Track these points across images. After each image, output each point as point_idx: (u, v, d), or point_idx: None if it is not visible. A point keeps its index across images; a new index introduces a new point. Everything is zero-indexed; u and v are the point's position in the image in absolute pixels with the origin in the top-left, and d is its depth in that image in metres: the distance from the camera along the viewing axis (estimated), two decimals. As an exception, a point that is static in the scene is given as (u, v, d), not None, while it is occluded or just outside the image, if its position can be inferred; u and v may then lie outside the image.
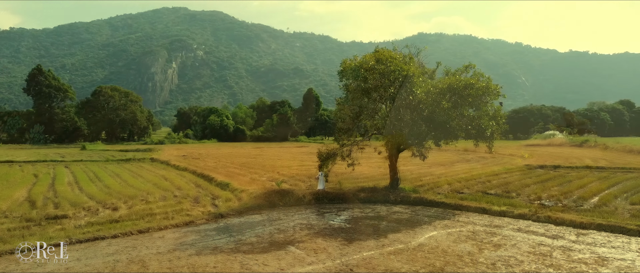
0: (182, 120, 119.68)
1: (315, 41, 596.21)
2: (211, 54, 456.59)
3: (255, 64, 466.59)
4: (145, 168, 40.71)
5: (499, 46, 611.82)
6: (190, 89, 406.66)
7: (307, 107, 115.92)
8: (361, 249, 14.95)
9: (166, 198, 24.27)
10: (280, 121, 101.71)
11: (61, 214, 19.75)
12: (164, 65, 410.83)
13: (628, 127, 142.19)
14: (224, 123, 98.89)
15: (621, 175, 34.71)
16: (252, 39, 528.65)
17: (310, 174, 34.05)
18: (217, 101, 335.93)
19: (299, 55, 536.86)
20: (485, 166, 40.77)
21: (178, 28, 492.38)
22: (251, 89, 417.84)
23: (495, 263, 13.43)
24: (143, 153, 59.03)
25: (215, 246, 15.30)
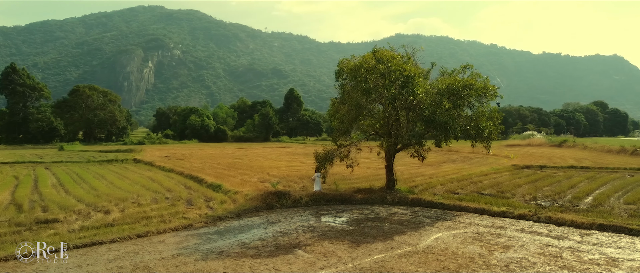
0: (161, 120, 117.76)
1: (293, 41, 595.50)
2: (188, 54, 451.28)
3: (233, 64, 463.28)
4: (130, 169, 39.74)
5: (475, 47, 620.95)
6: (167, 89, 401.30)
7: (289, 107, 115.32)
8: (370, 252, 14.67)
9: (158, 200, 23.62)
10: (262, 122, 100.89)
11: (52, 218, 18.99)
12: (140, 64, 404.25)
13: (602, 127, 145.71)
14: (205, 123, 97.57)
15: (606, 174, 35.26)
16: (230, 38, 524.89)
17: (301, 175, 33.71)
18: (194, 101, 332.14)
19: (277, 55, 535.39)
20: (473, 167, 41.01)
21: (154, 27, 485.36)
22: (229, 89, 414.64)
23: (509, 265, 13.30)
24: (124, 153, 57.76)
25: (220, 250, 14.83)
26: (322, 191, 24.57)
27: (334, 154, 23.95)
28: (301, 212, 21.82)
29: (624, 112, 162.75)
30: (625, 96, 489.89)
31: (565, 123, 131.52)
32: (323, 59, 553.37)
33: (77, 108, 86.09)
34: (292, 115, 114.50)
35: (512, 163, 42.58)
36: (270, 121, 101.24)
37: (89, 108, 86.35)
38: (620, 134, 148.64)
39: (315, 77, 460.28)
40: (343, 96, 24.73)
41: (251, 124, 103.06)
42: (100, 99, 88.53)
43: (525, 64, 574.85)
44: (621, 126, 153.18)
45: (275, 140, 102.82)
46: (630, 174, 35.35)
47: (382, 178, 30.88)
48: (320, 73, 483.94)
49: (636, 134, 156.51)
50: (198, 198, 24.33)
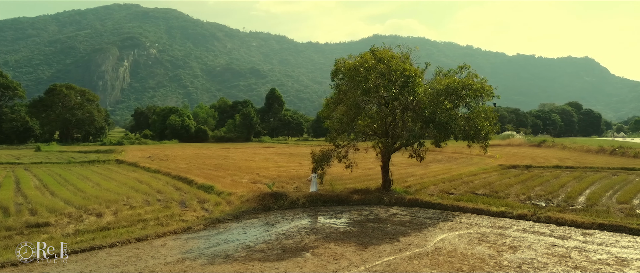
0: (139, 120, 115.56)
1: (271, 41, 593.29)
2: (165, 53, 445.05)
3: (211, 64, 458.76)
4: (114, 170, 38.73)
5: (451, 49, 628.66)
6: (143, 89, 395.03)
7: (270, 107, 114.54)
8: (380, 254, 14.44)
9: (150, 202, 22.98)
10: (243, 122, 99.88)
11: (42, 221, 18.25)
12: (115, 63, 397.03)
13: (576, 128, 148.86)
14: (186, 123, 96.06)
15: (592, 174, 35.84)
16: (207, 38, 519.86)
17: (291, 175, 33.38)
18: (171, 101, 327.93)
19: (255, 55, 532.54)
20: (461, 167, 41.23)
21: (130, 25, 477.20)
22: (207, 89, 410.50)
23: (521, 266, 13.23)
24: (105, 154, 56.41)
25: (226, 254, 14.41)
26: (318, 192, 24.25)
27: (332, 155, 23.64)
28: (299, 214, 21.48)
29: (597, 113, 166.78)
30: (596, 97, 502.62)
31: (542, 123, 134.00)
32: (301, 59, 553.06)
33: (53, 108, 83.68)
34: (274, 115, 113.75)
35: (499, 163, 42.97)
36: (252, 121, 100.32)
37: (66, 107, 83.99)
38: (594, 134, 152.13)
39: (294, 78, 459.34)
40: (338, 95, 24.47)
41: (232, 124, 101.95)
42: (78, 99, 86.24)
43: (500, 66, 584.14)
44: (595, 127, 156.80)
45: (256, 140, 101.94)
46: (615, 173, 36.00)
47: (375, 178, 30.79)
48: (298, 73, 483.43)
49: (609, 135, 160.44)
50: (191, 199, 23.77)
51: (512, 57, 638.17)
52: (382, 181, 25.53)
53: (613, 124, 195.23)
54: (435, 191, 27.20)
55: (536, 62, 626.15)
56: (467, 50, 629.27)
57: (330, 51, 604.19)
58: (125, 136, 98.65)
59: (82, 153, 59.50)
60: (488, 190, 27.62)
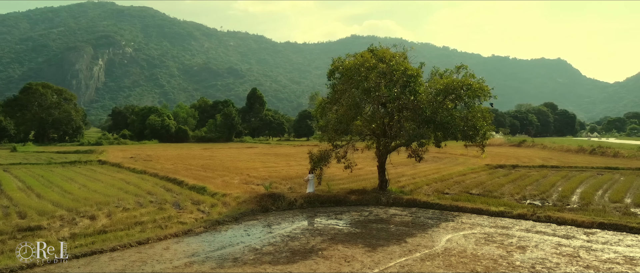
0: (117, 120, 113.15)
1: (249, 40, 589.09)
2: (141, 52, 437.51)
3: (188, 63, 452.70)
4: (98, 171, 37.74)
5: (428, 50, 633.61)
6: (118, 88, 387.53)
7: (252, 107, 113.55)
8: (390, 256, 14.26)
9: (142, 204, 22.40)
10: (225, 121, 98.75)
11: (35, 225, 17.58)
12: (89, 62, 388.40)
13: (552, 128, 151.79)
14: (166, 123, 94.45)
15: (577, 173, 36.40)
16: (184, 36, 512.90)
17: (282, 176, 33.03)
18: (147, 100, 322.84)
19: (233, 54, 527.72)
20: (449, 166, 41.45)
21: (105, 23, 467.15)
22: (184, 89, 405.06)
23: (534, 267, 13.21)
24: (86, 154, 55.01)
25: (233, 257, 14.04)
26: (315, 193, 23.97)
27: (330, 155, 23.39)
28: (299, 215, 21.18)
29: (572, 113, 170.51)
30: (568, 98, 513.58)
31: (519, 123, 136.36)
32: (279, 59, 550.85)
33: (29, 107, 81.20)
34: (255, 115, 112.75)
35: (485, 163, 43.33)
36: (234, 121, 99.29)
37: (42, 106, 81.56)
38: (569, 134, 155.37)
39: (272, 77, 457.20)
40: (334, 95, 24.24)
41: (213, 124, 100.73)
42: (54, 98, 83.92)
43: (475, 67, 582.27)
44: (570, 127, 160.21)
45: (238, 140, 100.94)
46: (599, 173, 36.63)
47: (368, 178, 30.71)
48: (276, 73, 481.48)
49: (583, 135, 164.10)
50: (184, 201, 23.23)
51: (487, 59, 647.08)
52: (378, 181, 25.38)
53: (586, 125, 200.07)
54: (430, 191, 27.19)
55: (510, 64, 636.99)
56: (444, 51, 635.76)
57: (309, 51, 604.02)
58: (103, 136, 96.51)
59: (61, 154, 57.95)
60: (481, 189, 27.77)
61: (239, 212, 20.46)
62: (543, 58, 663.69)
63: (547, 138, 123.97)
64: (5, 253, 14.05)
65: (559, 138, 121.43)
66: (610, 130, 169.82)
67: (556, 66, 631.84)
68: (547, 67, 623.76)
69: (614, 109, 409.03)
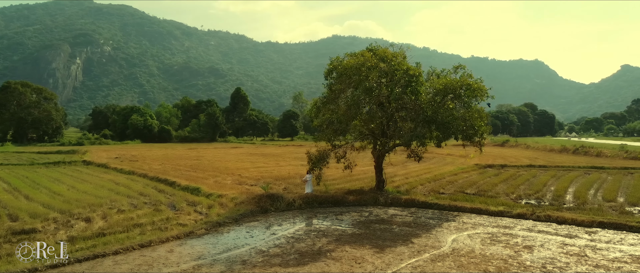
0: (98, 119, 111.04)
1: (230, 39, 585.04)
2: (120, 50, 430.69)
3: (168, 62, 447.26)
4: (84, 172, 36.87)
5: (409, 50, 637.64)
6: (96, 87, 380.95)
7: (235, 107, 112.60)
8: (400, 257, 14.14)
9: (137, 205, 21.88)
10: (208, 121, 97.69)
11: (28, 228, 17.01)
12: (66, 60, 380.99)
13: (532, 128, 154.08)
14: (148, 123, 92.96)
15: (565, 172, 36.88)
16: (164, 35, 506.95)
17: (274, 176, 32.72)
18: (126, 100, 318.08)
19: (214, 54, 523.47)
20: (439, 166, 41.60)
21: (82, 21, 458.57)
22: (164, 88, 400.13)
23: (545, 266, 13.23)
24: (68, 155, 53.76)
25: (242, 259, 13.75)
26: (313, 193, 23.74)
27: (328, 155, 23.18)
28: (299, 215, 20.94)
29: (551, 113, 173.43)
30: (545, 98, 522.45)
31: (500, 123, 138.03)
32: (261, 59, 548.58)
33: (7, 106, 79.01)
34: (239, 115, 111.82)
35: (474, 163, 43.62)
36: (217, 121, 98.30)
37: (20, 106, 79.42)
38: (548, 134, 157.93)
39: (253, 77, 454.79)
40: (331, 95, 24.03)
41: (197, 124, 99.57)
42: (34, 97, 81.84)
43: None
44: (549, 127, 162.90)
45: (222, 140, 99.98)
46: (587, 172, 37.16)
47: (361, 178, 30.62)
48: (258, 73, 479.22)
49: (562, 134, 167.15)
50: (180, 202, 22.77)
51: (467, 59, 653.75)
52: (375, 181, 25.28)
53: (564, 125, 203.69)
54: (425, 191, 27.23)
55: (489, 64, 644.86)
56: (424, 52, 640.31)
57: (290, 51, 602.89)
58: (84, 136, 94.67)
59: (43, 154, 56.54)
60: (475, 189, 27.89)
61: (239, 213, 20.13)
62: (521, 59, 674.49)
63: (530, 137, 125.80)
64: (3, 258, 13.54)
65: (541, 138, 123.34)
66: (588, 130, 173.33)
67: (534, 67, 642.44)
68: (525, 68, 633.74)
69: (590, 110, 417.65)
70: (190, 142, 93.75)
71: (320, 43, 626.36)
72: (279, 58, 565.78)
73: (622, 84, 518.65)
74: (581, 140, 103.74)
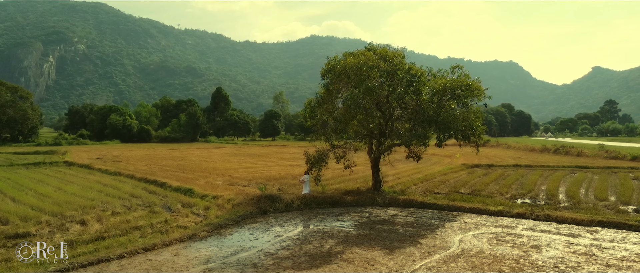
0: (74, 119, 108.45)
1: (208, 39, 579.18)
2: (94, 49, 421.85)
3: (144, 61, 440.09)
4: (68, 173, 35.83)
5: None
6: (70, 86, 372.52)
7: (216, 106, 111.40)
8: (412, 258, 14.02)
9: (131, 207, 21.30)
10: (189, 121, 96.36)
11: (22, 232, 16.36)
12: (39, 59, 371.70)
13: (509, 128, 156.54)
14: (128, 123, 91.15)
15: (551, 172, 37.45)
16: (140, 34, 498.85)
17: (265, 176, 32.41)
18: (101, 99, 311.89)
19: (191, 53, 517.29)
20: (427, 166, 41.72)
21: (55, 19, 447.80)
22: (140, 87, 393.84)
23: (558, 266, 13.26)
24: (47, 155, 52.07)
25: (252, 263, 13.43)
26: (311, 194, 23.49)
27: (327, 155, 22.95)
28: (299, 216, 20.66)
29: (528, 114, 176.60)
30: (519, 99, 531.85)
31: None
32: (239, 58, 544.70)
33: (-20, 105, 76.38)
34: (220, 115, 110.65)
35: (462, 162, 43.96)
36: (198, 121, 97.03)
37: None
38: (525, 134, 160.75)
39: (231, 77, 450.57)
40: (328, 95, 23.81)
41: (177, 124, 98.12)
42: (9, 96, 79.31)
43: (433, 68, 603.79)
44: (526, 127, 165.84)
45: (203, 140, 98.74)
46: (572, 172, 37.80)
47: (354, 178, 30.50)
48: (236, 73, 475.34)
49: (538, 134, 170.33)
50: (175, 203, 22.30)
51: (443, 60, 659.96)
52: (372, 181, 25.17)
53: (540, 125, 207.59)
54: (420, 190, 27.26)
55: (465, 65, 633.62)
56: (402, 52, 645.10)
57: (268, 51, 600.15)
58: (60, 136, 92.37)
59: (20, 154, 54.79)
60: (469, 189, 28.05)
61: (238, 215, 19.75)
62: (496, 60, 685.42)
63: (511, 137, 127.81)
64: (1, 264, 12.93)
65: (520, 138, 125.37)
66: (563, 130, 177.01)
67: (508, 68, 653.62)
68: (500, 69, 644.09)
69: (562, 110, 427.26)
70: (170, 142, 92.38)
71: (299, 43, 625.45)
72: (257, 58, 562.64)
73: (593, 86, 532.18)
74: (559, 140, 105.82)
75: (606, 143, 73.36)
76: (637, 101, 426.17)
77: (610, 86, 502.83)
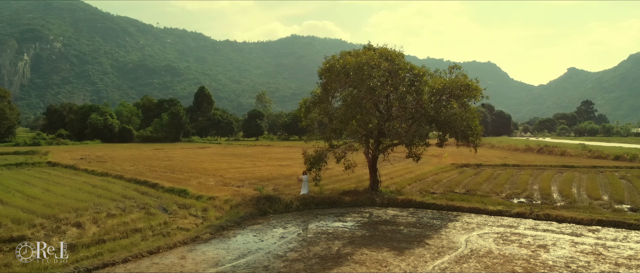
0: (52, 118, 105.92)
1: (187, 37, 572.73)
2: (71, 47, 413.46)
3: (122, 60, 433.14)
4: (53, 173, 34.87)
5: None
6: (46, 85, 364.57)
7: (199, 106, 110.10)
8: (423, 259, 13.92)
9: (126, 209, 20.75)
10: (172, 121, 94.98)
11: (17, 235, 15.80)
12: (13, 57, 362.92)
13: (490, 128, 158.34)
14: (109, 122, 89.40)
15: (540, 171, 37.85)
16: (118, 32, 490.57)
17: (256, 177, 32.02)
18: (78, 98, 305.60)
19: (170, 52, 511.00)
20: (417, 166, 41.53)
21: (30, 16, 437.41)
22: (118, 87, 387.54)
23: (569, 265, 13.30)
24: (29, 156, 50.67)
25: (263, 265, 13.15)
26: (309, 194, 23.24)
27: (326, 155, 22.72)
28: (299, 217, 20.41)
29: (507, 114, 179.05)
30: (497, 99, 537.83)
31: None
32: (219, 58, 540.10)
33: (-44, 104, 74.06)
34: (203, 114, 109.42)
35: (450, 162, 44.18)
36: (181, 121, 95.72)
37: (-30, 104, 74.60)
38: (505, 134, 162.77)
39: (211, 76, 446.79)
40: (323, 95, 23.59)
41: (159, 123, 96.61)
42: (-15, 95, 77.15)
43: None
44: (505, 127, 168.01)
45: (186, 140, 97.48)
46: (560, 171, 38.25)
47: (347, 178, 30.37)
48: (216, 72, 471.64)
49: (517, 134, 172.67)
50: (170, 205, 21.77)
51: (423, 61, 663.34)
52: (369, 181, 25.06)
53: (519, 125, 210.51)
54: (415, 190, 27.28)
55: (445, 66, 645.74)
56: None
57: (249, 50, 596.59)
58: (38, 136, 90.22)
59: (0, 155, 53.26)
60: (463, 188, 28.14)
61: (239, 216, 19.40)
62: (474, 61, 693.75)
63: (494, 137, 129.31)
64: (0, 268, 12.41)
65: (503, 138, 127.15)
66: (541, 130, 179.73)
67: (487, 69, 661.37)
68: (479, 70, 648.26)
69: (539, 110, 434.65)
70: (153, 142, 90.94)
71: (279, 43, 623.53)
72: (237, 57, 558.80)
73: (569, 86, 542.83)
74: (539, 139, 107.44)
75: (587, 143, 74.69)
76: (611, 102, 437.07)
77: (585, 86, 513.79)
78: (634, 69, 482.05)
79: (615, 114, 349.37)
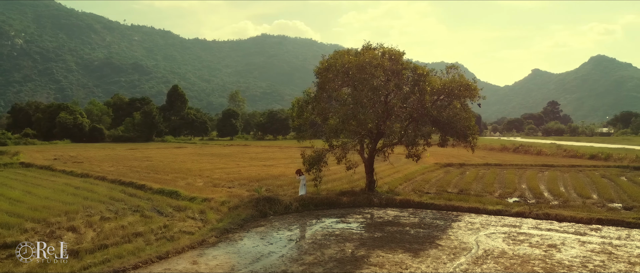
0: (18, 117, 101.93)
1: (155, 35, 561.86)
2: (33, 44, 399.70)
3: (88, 57, 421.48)
4: (30, 175, 33.41)
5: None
6: (6, 83, 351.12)
7: (172, 105, 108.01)
8: (440, 260, 13.76)
9: (119, 212, 20.03)
10: (144, 120, 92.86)
11: (11, 241, 14.99)
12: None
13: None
14: (79, 122, 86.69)
15: (522, 170, 38.57)
16: (83, 29, 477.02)
17: (244, 177, 31.55)
18: (41, 97, 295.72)
19: (137, 50, 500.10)
20: (403, 166, 41.83)
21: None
22: (83, 85, 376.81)
23: (586, 265, 13.35)
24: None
25: (281, 269, 12.77)
26: (307, 195, 22.86)
27: (325, 155, 22.37)
28: (299, 219, 20.02)
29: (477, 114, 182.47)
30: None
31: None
32: (188, 56, 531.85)
33: None
34: (176, 113, 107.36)
35: (434, 162, 44.49)
36: (154, 120, 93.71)
37: None
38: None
39: (180, 75, 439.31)
40: (319, 94, 23.25)
41: (131, 122, 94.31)
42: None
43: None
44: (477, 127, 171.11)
45: (159, 140, 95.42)
46: (541, 170, 39.00)
47: (339, 178, 30.29)
48: (185, 70, 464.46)
49: (487, 134, 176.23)
50: (164, 207, 21.10)
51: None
52: (366, 181, 24.88)
53: (487, 125, 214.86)
54: (408, 190, 27.29)
55: None
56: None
57: (219, 49, 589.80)
58: (3, 135, 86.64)
59: (-37, 156, 50.79)
60: (454, 188, 28.31)
61: (241, 218, 18.86)
62: (443, 62, 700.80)
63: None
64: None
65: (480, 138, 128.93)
66: (510, 130, 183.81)
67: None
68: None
69: (505, 110, 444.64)
70: (125, 142, 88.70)
71: (250, 41, 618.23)
72: (207, 56, 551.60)
73: (533, 87, 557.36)
74: (510, 139, 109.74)
75: (558, 142, 76.65)
76: (573, 102, 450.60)
77: (549, 87, 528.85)
78: (594, 71, 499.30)
79: (577, 114, 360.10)
